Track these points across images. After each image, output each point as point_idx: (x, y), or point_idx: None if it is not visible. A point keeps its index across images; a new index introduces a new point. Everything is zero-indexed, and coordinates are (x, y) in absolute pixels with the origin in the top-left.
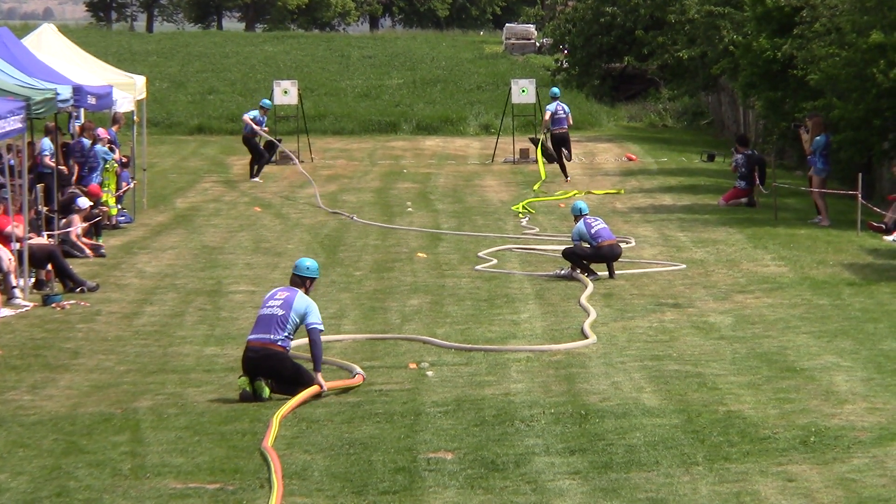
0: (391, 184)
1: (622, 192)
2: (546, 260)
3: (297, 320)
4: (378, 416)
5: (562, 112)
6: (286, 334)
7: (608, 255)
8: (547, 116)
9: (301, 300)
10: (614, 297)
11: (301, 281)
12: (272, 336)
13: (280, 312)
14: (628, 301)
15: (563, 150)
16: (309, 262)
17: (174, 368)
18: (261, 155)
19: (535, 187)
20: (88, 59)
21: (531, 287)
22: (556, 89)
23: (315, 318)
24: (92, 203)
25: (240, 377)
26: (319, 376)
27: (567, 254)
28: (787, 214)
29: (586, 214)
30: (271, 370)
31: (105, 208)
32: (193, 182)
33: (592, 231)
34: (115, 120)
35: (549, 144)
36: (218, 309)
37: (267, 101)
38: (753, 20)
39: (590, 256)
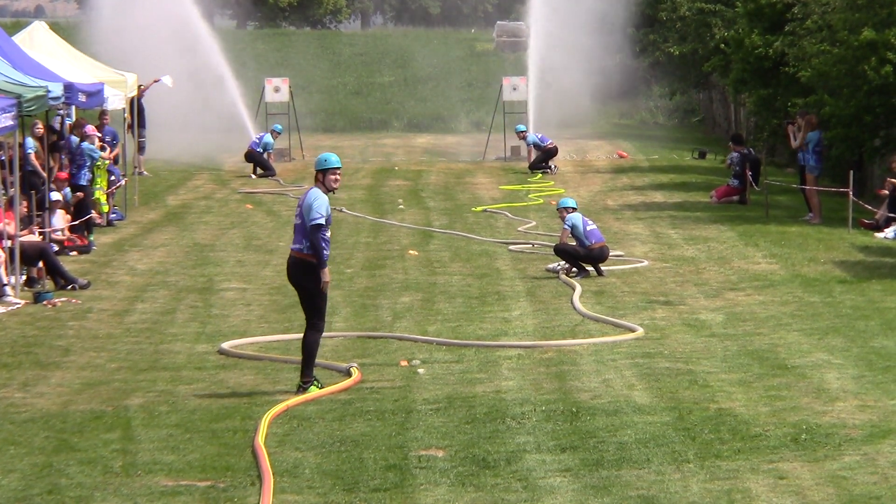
0: (382, 181)
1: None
2: (539, 258)
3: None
4: (369, 413)
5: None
6: (307, 241)
7: (598, 257)
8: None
9: (307, 200)
10: (605, 295)
11: (318, 176)
12: (300, 245)
13: (298, 221)
14: (619, 298)
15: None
16: (324, 156)
17: (165, 366)
18: (268, 168)
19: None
20: (80, 57)
21: (522, 285)
22: (521, 126)
23: (313, 214)
24: (76, 196)
25: None
26: (325, 271)
27: (558, 250)
28: (779, 212)
29: (576, 209)
30: (296, 278)
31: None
32: (185, 179)
33: (587, 229)
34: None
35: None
36: (209, 306)
37: (279, 126)
38: (745, 17)
39: (581, 256)
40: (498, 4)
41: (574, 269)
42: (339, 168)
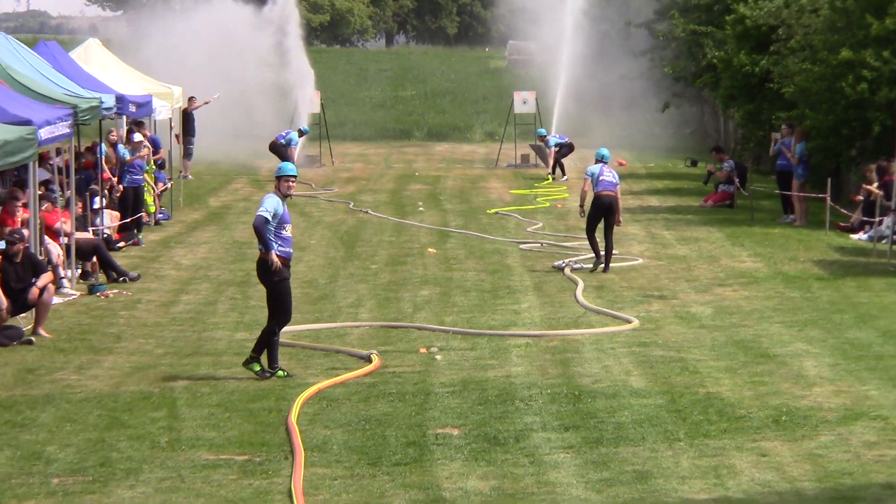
0: (404, 185)
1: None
2: (545, 256)
3: None
4: (391, 395)
5: (610, 176)
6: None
7: (600, 205)
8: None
9: (262, 200)
10: (605, 290)
11: (276, 182)
12: (261, 246)
13: None
14: (618, 293)
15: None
16: (281, 165)
17: (207, 352)
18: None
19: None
20: (130, 71)
21: (530, 280)
22: (541, 130)
23: (259, 209)
24: (117, 190)
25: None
26: (270, 255)
27: (587, 230)
28: (762, 215)
29: (606, 163)
30: (259, 276)
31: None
32: (225, 183)
33: (600, 178)
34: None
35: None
36: (247, 298)
37: (306, 127)
38: (733, 38)
39: (592, 216)
40: (510, 25)
41: (580, 263)
42: (292, 176)
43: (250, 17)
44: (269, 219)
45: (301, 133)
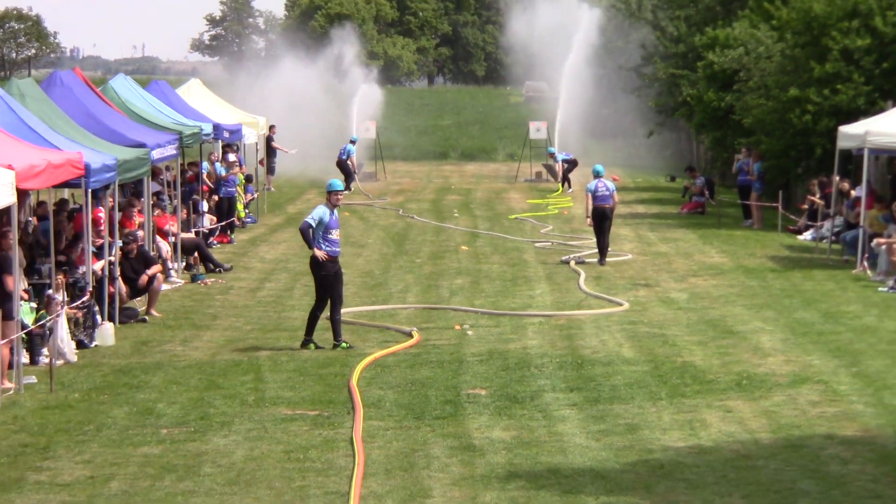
0: (442, 196)
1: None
2: (555, 252)
3: None
4: (432, 363)
5: (605, 189)
6: (318, 239)
7: (599, 214)
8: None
9: None
10: (602, 279)
11: (327, 196)
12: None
13: None
14: (612, 282)
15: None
16: (330, 182)
17: (286, 328)
18: (350, 175)
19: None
20: (224, 104)
21: (543, 271)
22: (552, 148)
23: (307, 216)
24: (213, 199)
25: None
26: (314, 251)
27: (595, 236)
28: (727, 220)
29: (602, 177)
30: (310, 267)
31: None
32: (300, 194)
33: (597, 193)
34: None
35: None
36: None
37: (355, 136)
38: (704, 79)
39: (595, 223)
40: (527, 68)
41: (582, 258)
42: (340, 191)
43: (322, 63)
44: (314, 225)
45: (353, 142)
